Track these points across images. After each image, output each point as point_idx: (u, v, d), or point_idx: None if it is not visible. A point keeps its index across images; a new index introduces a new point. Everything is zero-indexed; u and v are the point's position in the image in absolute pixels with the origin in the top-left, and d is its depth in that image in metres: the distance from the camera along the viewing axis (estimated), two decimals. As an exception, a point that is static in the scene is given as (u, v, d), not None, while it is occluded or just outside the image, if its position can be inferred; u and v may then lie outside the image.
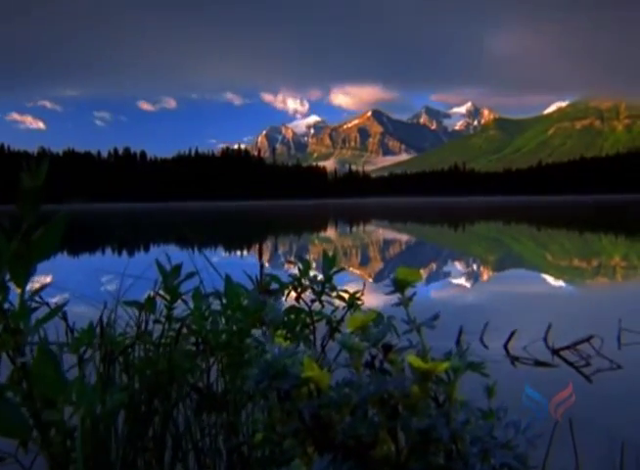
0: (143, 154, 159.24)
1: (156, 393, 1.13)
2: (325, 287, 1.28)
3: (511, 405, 2.32)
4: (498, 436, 0.56)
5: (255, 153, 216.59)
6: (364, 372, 0.62)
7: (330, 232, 18.27)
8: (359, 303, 1.35)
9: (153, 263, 1.28)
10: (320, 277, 1.29)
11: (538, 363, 2.77)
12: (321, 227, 21.24)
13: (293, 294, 1.36)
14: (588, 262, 8.25)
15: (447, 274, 7.00)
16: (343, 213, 38.57)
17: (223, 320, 1.19)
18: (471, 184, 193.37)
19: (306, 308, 1.32)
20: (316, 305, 1.38)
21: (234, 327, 1.13)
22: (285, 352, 0.63)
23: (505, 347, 3.05)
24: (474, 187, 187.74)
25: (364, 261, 8.69)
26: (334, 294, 1.34)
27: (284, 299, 1.29)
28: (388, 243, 13.24)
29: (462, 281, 6.25)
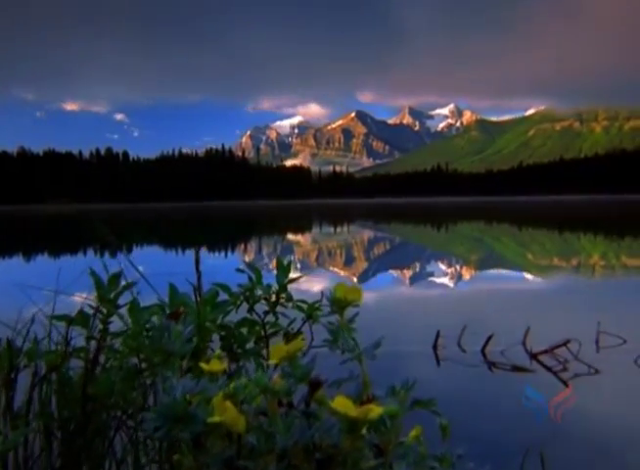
0: (125, 154, 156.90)
1: (85, 421, 1.00)
2: (280, 297, 1.17)
3: (488, 414, 2.22)
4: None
5: (239, 153, 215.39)
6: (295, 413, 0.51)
7: (310, 233, 18.15)
8: (319, 313, 1.25)
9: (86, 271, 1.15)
10: (275, 286, 1.18)
11: (516, 368, 2.71)
12: (302, 228, 21.11)
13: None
14: (567, 262, 8.29)
15: (426, 275, 6.95)
16: (326, 214, 38.48)
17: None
18: (453, 185, 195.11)
19: (260, 321, 1.21)
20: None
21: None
22: (195, 387, 0.52)
23: (482, 351, 2.98)
24: (456, 187, 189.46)
25: (346, 262, 8.60)
26: (290, 304, 1.22)
27: (234, 311, 1.17)
28: (371, 243, 13.18)
29: (441, 282, 6.20)
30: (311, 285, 6.08)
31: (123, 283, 1.16)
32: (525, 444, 2.02)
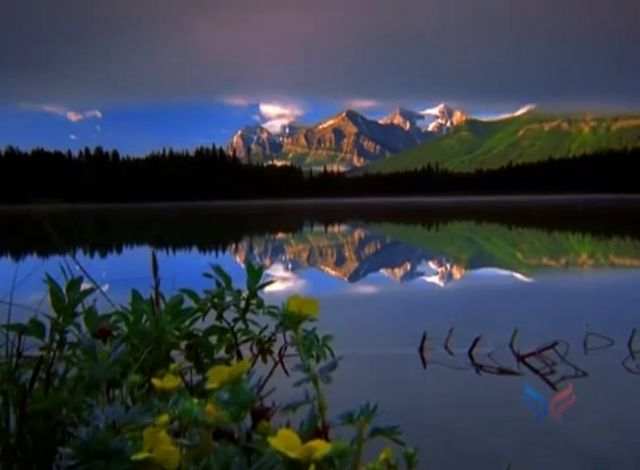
0: (115, 153, 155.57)
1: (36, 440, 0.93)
2: (250, 303, 1.10)
3: (475, 418, 2.16)
4: None
5: (231, 153, 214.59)
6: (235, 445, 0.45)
7: (300, 233, 18.08)
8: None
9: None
10: (245, 293, 1.11)
11: (503, 371, 2.66)
12: (293, 228, 21.02)
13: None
14: (556, 261, 8.30)
15: (413, 276, 6.91)
16: (317, 214, 38.41)
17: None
18: (444, 184, 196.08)
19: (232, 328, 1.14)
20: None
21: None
22: (124, 415, 0.45)
23: (469, 354, 2.93)
24: (447, 187, 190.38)
25: (332, 262, 8.54)
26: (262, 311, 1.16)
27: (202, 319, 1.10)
28: (360, 243, 13.13)
29: (429, 282, 6.16)
30: (299, 285, 6.02)
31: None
32: (512, 448, 1.97)
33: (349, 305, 4.75)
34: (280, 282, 6.16)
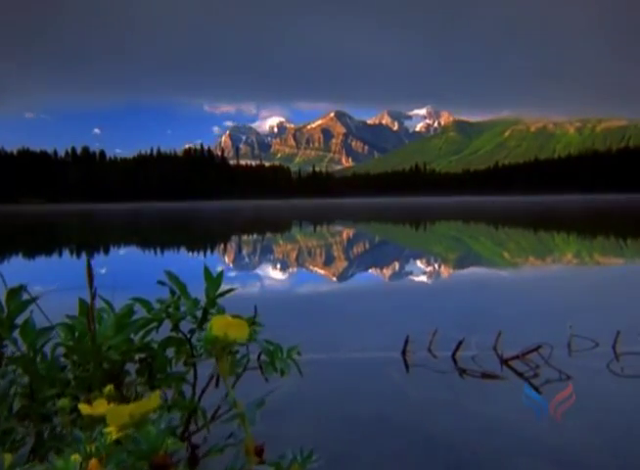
0: (102, 153, 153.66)
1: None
2: (209, 313, 1.02)
3: (458, 423, 2.08)
4: None
5: (219, 153, 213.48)
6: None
7: (288, 233, 17.97)
8: (257, 328, 1.10)
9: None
10: (203, 301, 1.02)
11: (486, 375, 2.60)
12: (281, 228, 20.90)
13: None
14: (542, 261, 8.31)
15: (399, 276, 6.86)
16: (306, 214, 38.29)
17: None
18: (432, 184, 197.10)
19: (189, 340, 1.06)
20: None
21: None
22: None
23: (453, 357, 2.87)
24: (435, 187, 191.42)
25: (318, 262, 8.46)
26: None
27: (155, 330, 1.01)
28: (349, 243, 13.07)
29: (414, 284, 6.11)
30: (284, 285, 5.94)
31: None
32: (495, 453, 1.91)
33: (332, 306, 4.68)
34: (263, 282, 6.07)
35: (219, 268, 1.08)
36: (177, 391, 0.93)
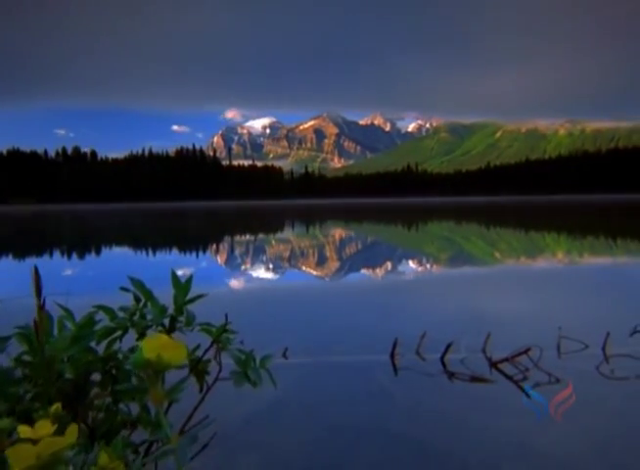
0: (93, 153, 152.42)
1: None
2: (177, 321, 0.96)
3: (447, 428, 2.02)
4: None
5: (211, 153, 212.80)
6: None
7: (280, 233, 17.90)
8: (230, 337, 1.04)
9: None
10: (171, 309, 0.97)
11: (475, 379, 2.56)
12: (273, 228, 20.83)
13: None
14: (533, 261, 8.32)
15: (388, 277, 6.82)
16: (298, 214, 38.22)
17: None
18: (424, 185, 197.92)
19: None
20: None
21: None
22: None
23: (441, 360, 2.83)
24: (426, 188, 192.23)
25: (308, 262, 8.41)
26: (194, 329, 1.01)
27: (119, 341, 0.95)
28: (341, 243, 13.02)
29: (402, 284, 6.08)
30: (274, 285, 5.88)
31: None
32: (485, 459, 1.87)
33: (319, 307, 4.62)
34: (248, 284, 6.00)
35: (189, 272, 1.02)
36: (141, 404, 0.87)
